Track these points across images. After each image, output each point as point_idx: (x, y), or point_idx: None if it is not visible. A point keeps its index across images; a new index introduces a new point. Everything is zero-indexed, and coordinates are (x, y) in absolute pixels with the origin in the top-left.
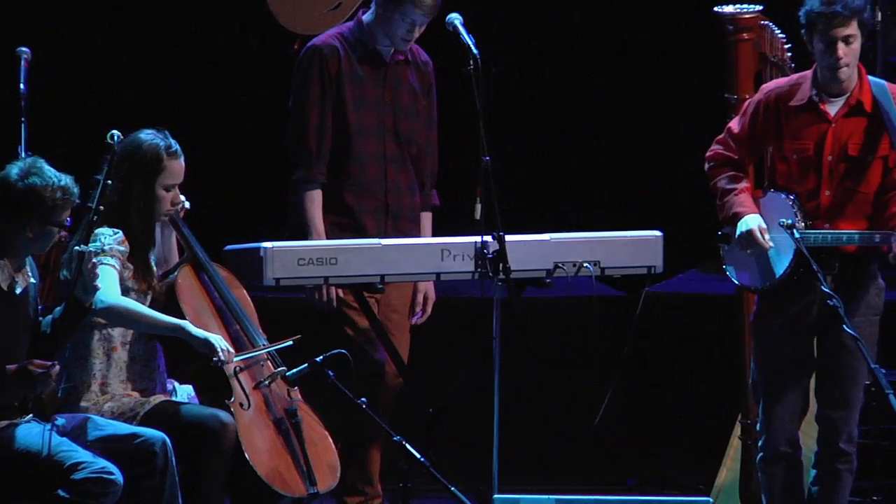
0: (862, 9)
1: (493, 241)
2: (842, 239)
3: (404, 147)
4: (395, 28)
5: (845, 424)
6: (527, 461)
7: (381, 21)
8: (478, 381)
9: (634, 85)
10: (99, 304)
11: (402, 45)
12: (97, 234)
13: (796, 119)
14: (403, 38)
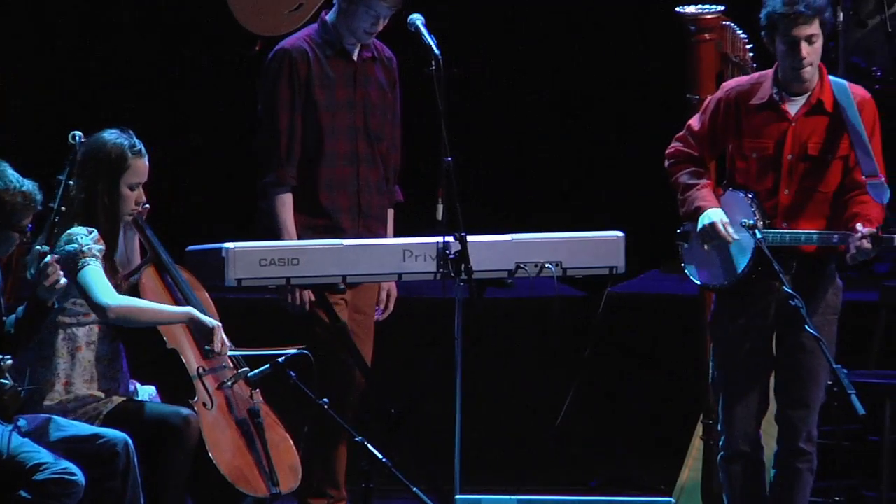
0: (824, 8)
1: (454, 242)
2: (800, 239)
3: (375, 145)
4: (359, 21)
5: (805, 424)
6: (489, 461)
7: (345, 16)
8: (440, 381)
9: (596, 85)
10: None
11: (366, 39)
12: (72, 234)
13: (756, 117)
14: (367, 32)
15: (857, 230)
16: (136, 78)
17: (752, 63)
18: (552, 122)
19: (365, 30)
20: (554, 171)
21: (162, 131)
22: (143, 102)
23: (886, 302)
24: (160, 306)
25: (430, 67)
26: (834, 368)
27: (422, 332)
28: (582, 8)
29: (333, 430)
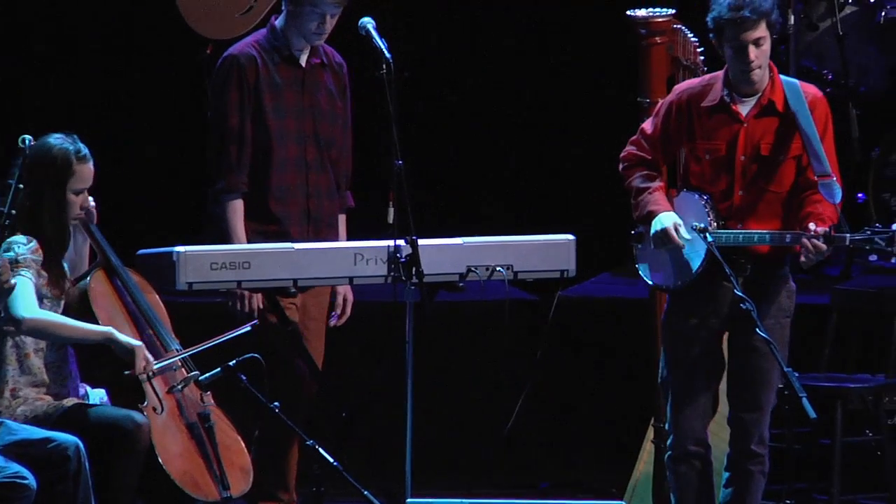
0: (770, 10)
1: (405, 246)
2: (753, 239)
3: (324, 151)
4: (306, 22)
5: (757, 426)
6: (440, 465)
7: (293, 18)
8: (391, 385)
9: (548, 88)
10: (18, 319)
11: (315, 40)
12: (11, 242)
13: (709, 119)
14: (315, 32)
15: (810, 230)
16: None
17: (702, 66)
18: (503, 126)
19: (312, 30)
20: (505, 175)
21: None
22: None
23: (838, 305)
24: (78, 324)
25: (380, 71)
26: (785, 371)
27: (373, 336)
28: (533, 11)
29: (284, 434)
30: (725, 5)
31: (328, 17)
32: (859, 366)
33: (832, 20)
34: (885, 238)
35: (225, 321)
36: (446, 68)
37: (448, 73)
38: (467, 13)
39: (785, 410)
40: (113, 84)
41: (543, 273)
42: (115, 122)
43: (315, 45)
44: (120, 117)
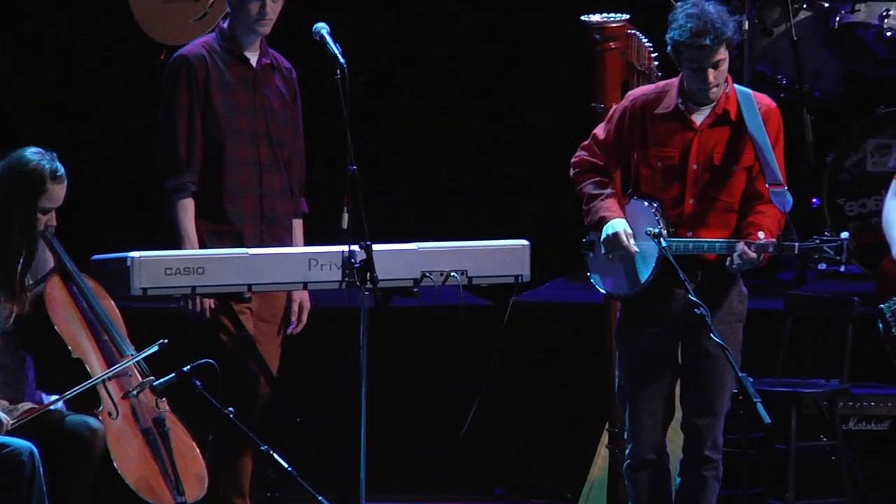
0: (731, 36)
1: (360, 251)
2: (703, 247)
3: (277, 151)
4: (248, 11)
5: (710, 432)
6: (395, 470)
7: (237, 13)
8: (345, 390)
9: (502, 94)
10: None
11: (260, 27)
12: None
13: (662, 127)
14: (257, 20)
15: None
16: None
17: (657, 72)
18: (458, 131)
19: (255, 17)
20: (459, 180)
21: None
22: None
23: (792, 310)
24: None
25: (335, 76)
26: (740, 376)
27: (327, 341)
28: (487, 16)
29: (239, 439)
30: (687, 30)
31: (269, 2)
32: (814, 371)
33: (787, 25)
34: (834, 247)
35: (180, 325)
36: (400, 73)
37: (402, 78)
38: (422, 18)
39: (739, 415)
40: (67, 89)
41: (498, 278)
42: (71, 127)
43: (261, 32)
44: (75, 122)
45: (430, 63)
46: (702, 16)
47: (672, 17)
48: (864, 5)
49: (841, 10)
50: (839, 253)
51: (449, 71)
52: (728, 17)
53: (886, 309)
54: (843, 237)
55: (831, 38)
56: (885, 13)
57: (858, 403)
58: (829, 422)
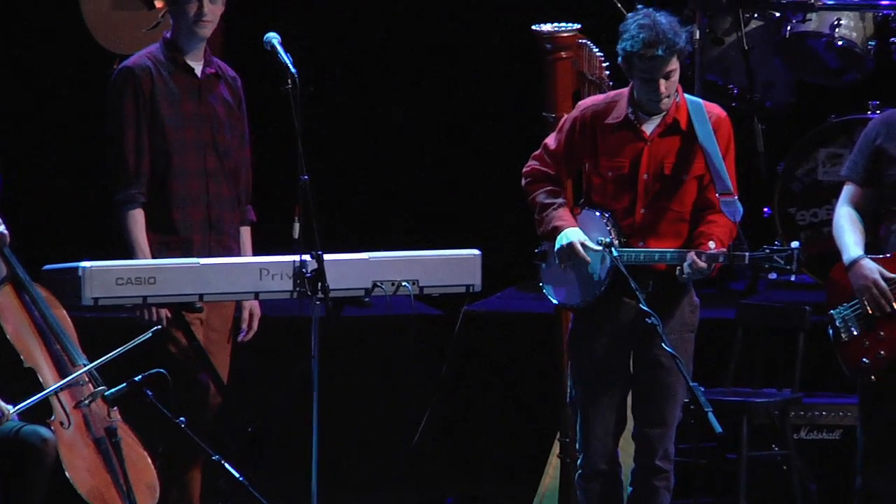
0: (683, 47)
1: (311, 261)
2: (654, 257)
3: (223, 160)
4: (187, 14)
5: (661, 442)
6: (346, 479)
7: (178, 20)
8: (297, 399)
9: (453, 103)
10: None
11: (199, 28)
12: None
13: (613, 137)
14: (195, 20)
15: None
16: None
17: (608, 81)
18: (409, 140)
19: (193, 18)
20: (410, 190)
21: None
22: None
23: (743, 320)
24: None
25: (286, 86)
26: (691, 386)
27: (279, 351)
28: (438, 26)
29: (190, 449)
30: (639, 40)
31: (206, 2)
32: (765, 380)
33: (738, 34)
34: (784, 256)
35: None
36: (351, 82)
37: (353, 88)
38: (373, 27)
39: (691, 425)
40: (19, 98)
41: (449, 288)
42: (23, 137)
43: (201, 34)
44: (27, 132)
45: (382, 72)
46: (653, 26)
47: (623, 28)
48: (815, 15)
49: (792, 19)
50: (789, 262)
51: (400, 80)
52: (680, 28)
53: (836, 315)
54: (793, 247)
55: (782, 48)
56: (836, 22)
57: (810, 413)
58: (781, 431)
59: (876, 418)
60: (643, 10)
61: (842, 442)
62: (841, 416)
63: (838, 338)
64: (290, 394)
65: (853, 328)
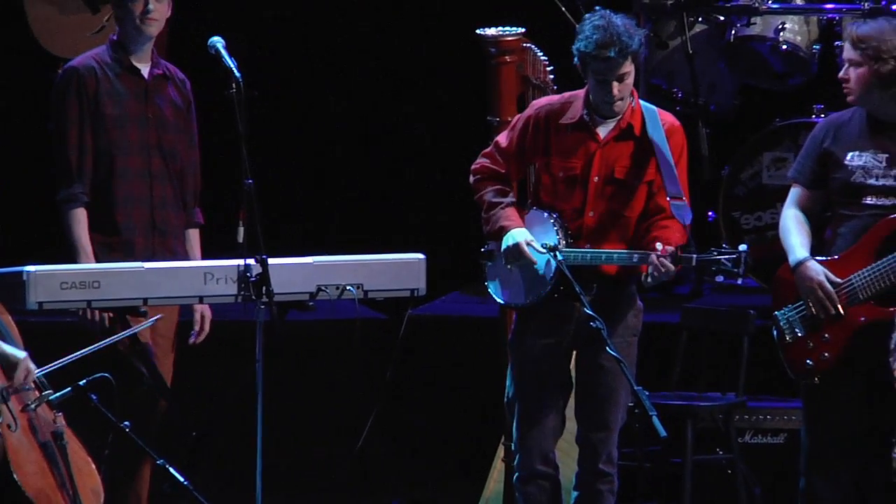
0: (637, 49)
1: (255, 265)
2: (601, 258)
3: (169, 162)
4: (132, 14)
5: (605, 446)
6: (291, 483)
7: (123, 22)
8: (242, 403)
9: (398, 107)
10: None
11: (146, 27)
12: None
13: (566, 138)
14: (142, 19)
15: (657, 249)
16: None
17: (552, 85)
18: (353, 145)
19: (139, 17)
20: (354, 194)
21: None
22: None
23: (687, 324)
24: None
25: (230, 90)
26: (635, 390)
27: (223, 355)
28: (382, 29)
29: (135, 453)
30: (593, 41)
31: (151, 1)
32: (710, 384)
33: (682, 38)
34: (732, 259)
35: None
36: (297, 87)
37: (298, 92)
38: (317, 31)
39: (636, 429)
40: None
41: (393, 292)
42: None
43: (148, 32)
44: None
45: (327, 76)
46: (608, 28)
47: (579, 29)
48: (759, 19)
49: (737, 23)
50: (737, 265)
51: (344, 83)
52: (635, 31)
53: (781, 316)
54: (741, 249)
55: (727, 52)
56: (780, 26)
57: (754, 416)
58: (725, 435)
59: (820, 420)
60: (600, 10)
61: (786, 445)
62: (785, 419)
63: (783, 339)
64: (235, 398)
65: (798, 329)
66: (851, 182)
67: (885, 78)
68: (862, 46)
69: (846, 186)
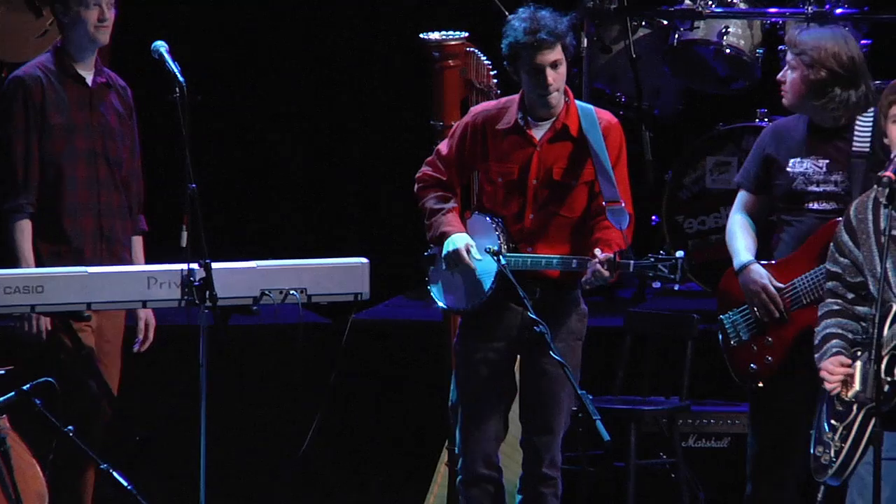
0: (565, 33)
1: (199, 269)
2: (541, 263)
3: (114, 170)
4: (84, 19)
5: (548, 450)
6: (234, 488)
7: (71, 28)
8: (186, 408)
9: (342, 111)
10: None
11: (101, 35)
12: None
13: (503, 142)
14: (96, 25)
15: (596, 255)
16: None
17: (496, 89)
18: (297, 149)
19: (94, 23)
20: (298, 198)
21: None
22: None
23: (631, 328)
24: None
25: (173, 94)
26: (580, 394)
27: (167, 359)
28: (326, 33)
29: (79, 458)
30: (521, 30)
31: (105, 6)
32: (654, 388)
33: (625, 42)
34: (668, 265)
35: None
36: (241, 91)
37: (242, 96)
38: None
39: (579, 433)
40: None
41: (337, 296)
42: None
43: (101, 40)
44: None
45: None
46: (535, 17)
47: (506, 28)
48: (703, 23)
49: (680, 27)
50: (673, 272)
51: (288, 87)
52: (560, 17)
53: (726, 320)
54: (678, 256)
55: (670, 56)
56: (724, 30)
57: (698, 421)
58: (669, 439)
59: (765, 425)
60: (523, 8)
61: (730, 450)
62: (729, 423)
63: (727, 342)
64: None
65: (742, 333)
66: (793, 188)
67: (815, 86)
68: (797, 52)
69: (788, 193)
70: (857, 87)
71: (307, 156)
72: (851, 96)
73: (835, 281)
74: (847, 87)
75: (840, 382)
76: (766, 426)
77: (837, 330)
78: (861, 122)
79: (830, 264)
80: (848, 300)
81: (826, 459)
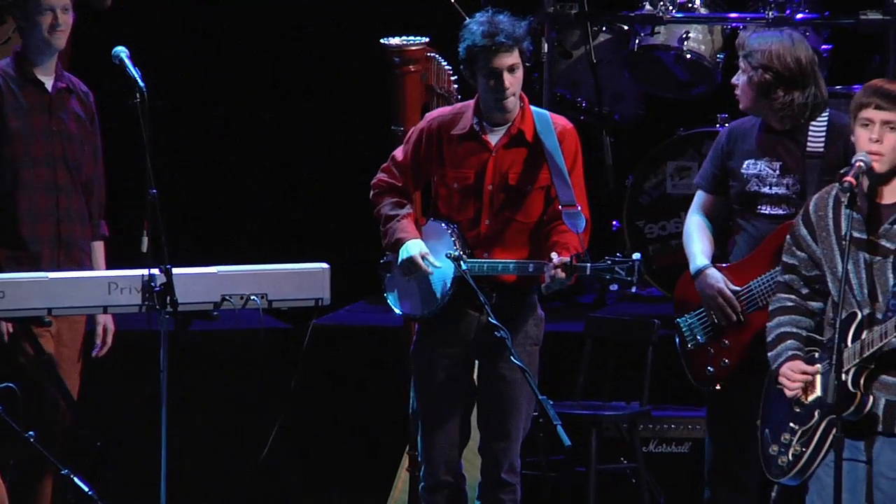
0: (523, 37)
1: (160, 275)
2: (497, 268)
3: (74, 175)
4: (39, 24)
5: (507, 455)
6: (195, 494)
7: (29, 32)
8: (147, 413)
9: (302, 116)
10: None
11: (56, 40)
12: None
13: (458, 148)
14: (51, 32)
15: (552, 259)
16: None
17: (456, 94)
18: (258, 154)
19: (48, 29)
20: (259, 203)
21: None
22: None
23: (592, 333)
24: None
25: (134, 99)
26: (540, 399)
27: (128, 365)
28: (286, 39)
29: (40, 463)
30: (479, 33)
31: (59, 12)
32: (614, 393)
33: (586, 47)
34: (625, 268)
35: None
36: (201, 96)
37: (202, 102)
38: (221, 40)
39: (540, 438)
40: None
41: (298, 301)
42: None
43: (57, 45)
44: None
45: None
46: (492, 21)
47: (463, 31)
48: (663, 28)
49: (640, 32)
50: (630, 274)
51: (249, 93)
52: (518, 21)
53: (683, 323)
54: (634, 258)
55: (631, 61)
56: (684, 36)
57: (658, 426)
58: (630, 444)
59: (722, 428)
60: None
61: (690, 455)
62: (690, 429)
63: (684, 346)
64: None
65: (699, 336)
66: (746, 190)
67: (760, 88)
68: (745, 54)
69: (742, 195)
70: (802, 89)
71: (268, 161)
72: (796, 98)
73: (791, 274)
74: (791, 90)
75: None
76: (723, 429)
77: (791, 329)
78: (815, 124)
79: (787, 257)
80: (803, 295)
81: (783, 461)
